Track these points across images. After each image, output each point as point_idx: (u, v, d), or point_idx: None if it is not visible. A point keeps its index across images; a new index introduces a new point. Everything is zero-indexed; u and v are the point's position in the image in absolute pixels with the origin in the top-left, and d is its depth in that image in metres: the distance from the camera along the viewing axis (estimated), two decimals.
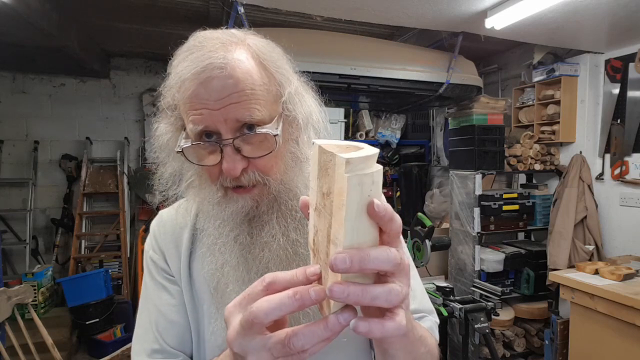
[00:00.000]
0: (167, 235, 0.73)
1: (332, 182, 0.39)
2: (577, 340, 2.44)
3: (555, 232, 2.94)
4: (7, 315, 1.85)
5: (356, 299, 0.38)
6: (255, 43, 0.62)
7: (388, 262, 0.39)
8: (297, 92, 0.64)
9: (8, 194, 4.03)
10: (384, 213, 0.38)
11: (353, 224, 0.38)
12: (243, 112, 0.56)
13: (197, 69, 0.56)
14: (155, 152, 0.68)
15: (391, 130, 4.33)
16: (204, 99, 0.56)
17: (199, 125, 0.57)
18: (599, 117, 3.09)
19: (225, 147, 0.57)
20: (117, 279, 3.95)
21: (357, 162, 0.37)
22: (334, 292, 0.37)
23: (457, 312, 2.27)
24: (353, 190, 0.37)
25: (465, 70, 2.96)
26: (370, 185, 0.38)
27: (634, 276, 2.32)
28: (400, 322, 0.40)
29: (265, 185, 0.61)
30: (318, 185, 0.42)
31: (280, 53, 0.65)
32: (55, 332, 3.01)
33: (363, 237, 0.39)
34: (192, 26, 2.91)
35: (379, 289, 0.39)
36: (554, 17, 2.32)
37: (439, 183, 4.21)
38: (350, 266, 0.37)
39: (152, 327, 0.68)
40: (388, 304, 0.39)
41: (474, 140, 3.06)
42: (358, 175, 0.37)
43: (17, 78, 4.04)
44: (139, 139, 4.45)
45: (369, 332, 0.39)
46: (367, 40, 2.87)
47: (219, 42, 0.59)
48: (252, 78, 0.58)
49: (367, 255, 0.38)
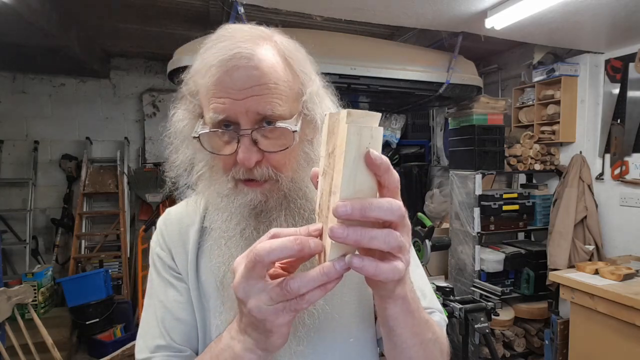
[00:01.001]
0: (174, 232, 0.73)
1: (336, 138, 0.41)
2: (577, 340, 2.44)
3: (555, 232, 2.94)
4: (7, 315, 1.85)
5: (355, 237, 0.39)
6: (281, 41, 0.63)
7: (391, 211, 0.41)
8: (317, 93, 0.64)
9: (8, 194, 4.03)
10: (380, 162, 0.40)
11: (351, 171, 0.40)
12: (265, 105, 0.57)
13: (225, 56, 0.56)
14: (169, 137, 0.68)
15: (391, 130, 4.33)
16: (228, 87, 0.56)
17: (220, 115, 0.57)
18: (599, 117, 3.09)
19: (243, 138, 0.58)
20: (117, 279, 3.95)
21: (358, 115, 0.40)
22: (334, 231, 0.39)
23: (457, 312, 2.27)
24: (352, 137, 0.39)
25: (465, 70, 2.96)
26: (369, 138, 0.40)
27: (634, 276, 2.32)
28: (396, 266, 0.42)
29: (277, 181, 0.61)
30: (326, 150, 0.44)
31: (304, 53, 0.66)
32: (55, 332, 3.01)
33: (361, 186, 0.41)
34: (192, 26, 2.91)
35: (377, 230, 0.41)
36: (554, 17, 2.32)
37: (439, 183, 4.21)
38: (351, 213, 0.39)
39: (158, 323, 0.68)
40: (386, 246, 0.41)
41: (474, 140, 3.06)
42: (357, 126, 0.39)
43: (17, 78, 4.04)
44: (139, 139, 4.45)
45: (362, 267, 0.41)
46: (367, 40, 2.87)
47: (248, 35, 0.60)
48: (276, 73, 0.58)
49: (369, 204, 0.40)
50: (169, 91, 4.42)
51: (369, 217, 0.40)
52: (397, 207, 0.41)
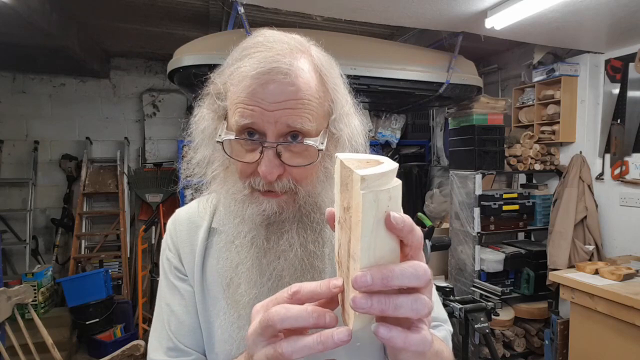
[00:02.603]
0: (183, 232, 0.74)
1: (350, 197, 0.39)
2: (577, 340, 2.44)
3: (555, 232, 2.94)
4: (7, 315, 1.85)
5: (380, 307, 0.37)
6: (318, 55, 0.62)
7: (417, 277, 0.38)
8: (347, 112, 0.64)
9: (8, 194, 4.03)
10: (402, 225, 0.38)
11: (369, 240, 0.37)
12: (295, 119, 0.56)
13: (263, 69, 0.56)
14: (190, 135, 0.68)
15: (391, 130, 4.32)
16: (260, 98, 0.56)
17: (245, 120, 0.57)
18: (599, 117, 3.09)
19: (267, 150, 0.57)
20: (117, 279, 3.95)
21: (373, 178, 0.36)
22: (357, 302, 0.37)
23: (457, 312, 2.27)
24: (368, 206, 0.36)
25: (465, 70, 2.96)
26: (386, 201, 0.37)
27: (634, 276, 2.32)
28: (426, 336, 0.40)
29: (295, 194, 0.61)
30: (340, 199, 0.42)
31: (338, 71, 0.65)
32: (55, 332, 3.01)
33: (381, 252, 0.38)
34: (192, 26, 2.91)
35: (403, 297, 0.38)
36: (554, 17, 2.32)
37: (439, 183, 4.21)
38: (372, 283, 0.37)
39: (165, 326, 0.69)
40: (414, 314, 0.38)
41: (474, 140, 3.06)
42: (374, 191, 0.37)
43: (17, 78, 4.04)
44: (139, 139, 4.45)
45: (390, 339, 0.38)
46: (367, 40, 2.87)
47: (287, 47, 0.58)
48: (310, 89, 0.58)
49: (391, 272, 0.37)
50: (169, 91, 4.42)
51: (391, 287, 0.37)
52: (422, 271, 0.38)
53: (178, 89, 3.67)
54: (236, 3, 2.12)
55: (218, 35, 2.59)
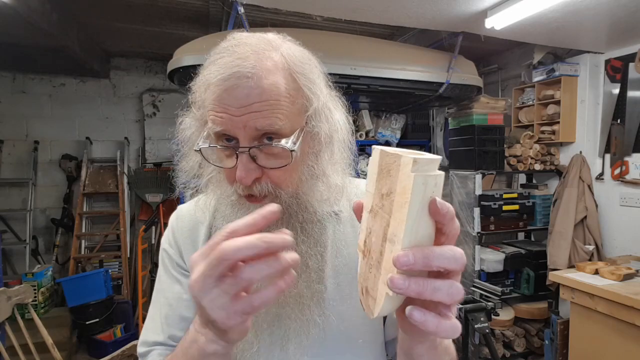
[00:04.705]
0: (185, 230, 0.74)
1: (394, 182, 0.40)
2: (577, 340, 2.44)
3: (555, 232, 2.94)
4: (7, 315, 1.85)
5: (417, 288, 0.37)
6: (289, 53, 0.61)
7: (455, 260, 0.39)
8: (324, 107, 0.63)
9: (8, 194, 4.03)
10: (446, 211, 0.39)
11: (414, 222, 0.38)
12: (263, 121, 0.56)
13: (224, 75, 0.56)
14: (178, 144, 0.68)
15: (391, 130, 4.32)
16: (226, 104, 0.56)
17: (217, 127, 0.57)
18: (599, 117, 3.09)
19: (241, 155, 0.57)
20: (117, 279, 3.95)
21: (423, 162, 0.38)
22: (395, 282, 0.37)
23: (457, 312, 2.27)
24: (417, 188, 0.38)
25: (465, 70, 2.96)
26: (433, 187, 0.39)
27: (634, 276, 2.32)
28: (456, 324, 0.40)
29: (277, 197, 0.61)
30: (377, 188, 0.44)
31: (314, 65, 0.64)
32: (55, 332, 3.01)
33: (422, 236, 0.39)
34: (192, 26, 2.91)
35: (440, 281, 0.38)
36: (554, 17, 2.32)
37: None
38: (414, 263, 0.37)
39: (161, 319, 0.69)
40: (449, 298, 0.39)
41: (474, 140, 3.06)
42: (423, 175, 0.38)
43: (17, 78, 4.04)
44: (139, 139, 4.45)
45: (424, 322, 0.39)
46: (367, 40, 2.87)
47: (251, 50, 0.58)
48: (278, 89, 0.57)
49: (432, 252, 0.38)
50: (169, 91, 4.42)
51: (431, 267, 0.38)
52: (459, 255, 0.39)
53: (178, 89, 3.67)
54: (236, 3, 2.12)
55: (218, 35, 2.59)
